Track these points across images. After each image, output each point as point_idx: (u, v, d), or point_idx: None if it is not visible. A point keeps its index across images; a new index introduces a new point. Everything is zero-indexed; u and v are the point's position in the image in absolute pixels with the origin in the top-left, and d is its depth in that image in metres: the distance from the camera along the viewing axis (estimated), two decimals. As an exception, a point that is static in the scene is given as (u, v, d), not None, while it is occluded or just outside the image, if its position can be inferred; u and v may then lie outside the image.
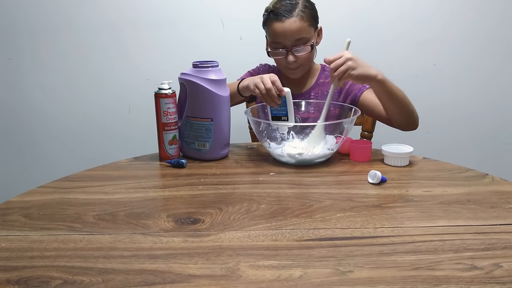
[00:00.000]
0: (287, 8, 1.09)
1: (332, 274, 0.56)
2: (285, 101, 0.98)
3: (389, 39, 1.63)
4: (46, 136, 1.75)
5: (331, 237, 0.66)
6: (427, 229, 0.68)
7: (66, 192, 0.85)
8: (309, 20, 1.11)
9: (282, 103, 0.99)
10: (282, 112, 1.00)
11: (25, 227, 0.71)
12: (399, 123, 1.10)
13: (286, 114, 0.99)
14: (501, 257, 0.59)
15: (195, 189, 0.86)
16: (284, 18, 1.09)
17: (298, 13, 1.09)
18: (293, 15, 1.09)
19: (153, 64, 1.66)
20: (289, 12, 1.09)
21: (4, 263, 0.60)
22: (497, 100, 1.70)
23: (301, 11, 1.09)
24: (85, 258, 0.61)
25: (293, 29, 1.09)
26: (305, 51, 1.13)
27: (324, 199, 0.80)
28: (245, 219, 0.72)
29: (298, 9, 1.10)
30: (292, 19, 1.09)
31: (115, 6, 1.61)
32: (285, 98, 0.98)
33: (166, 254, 0.61)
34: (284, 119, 1.00)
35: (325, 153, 0.99)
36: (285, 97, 0.98)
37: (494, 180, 0.88)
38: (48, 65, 1.67)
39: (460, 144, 1.73)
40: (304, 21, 1.10)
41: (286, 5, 1.10)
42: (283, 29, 1.09)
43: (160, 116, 1.01)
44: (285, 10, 1.09)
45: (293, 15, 1.09)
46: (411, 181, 0.89)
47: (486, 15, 1.61)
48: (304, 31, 1.11)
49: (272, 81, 0.99)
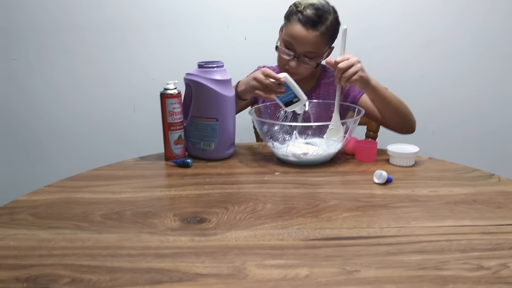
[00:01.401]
0: (316, 19, 1.07)
1: (338, 273, 0.56)
2: (287, 85, 1.00)
3: (392, 40, 1.63)
4: (52, 136, 1.76)
5: (337, 236, 0.66)
6: (433, 229, 0.68)
7: (73, 192, 0.86)
8: (328, 39, 1.12)
9: (286, 88, 1.00)
10: (290, 95, 1.01)
11: (33, 226, 0.71)
12: (395, 127, 1.12)
13: (295, 95, 1.01)
14: (508, 257, 0.59)
15: (201, 188, 0.87)
16: (309, 26, 1.07)
17: (322, 30, 1.08)
18: (318, 29, 1.07)
19: (158, 64, 1.67)
20: (316, 24, 1.07)
21: (12, 262, 0.60)
22: (501, 100, 1.69)
23: (326, 29, 1.08)
24: (92, 256, 0.61)
25: (310, 42, 1.09)
26: (309, 65, 1.13)
27: (330, 199, 0.80)
28: (251, 219, 0.72)
29: (326, 25, 1.08)
30: (315, 33, 1.07)
31: (120, 7, 1.62)
32: (286, 84, 1.00)
33: (173, 253, 0.62)
34: (296, 101, 1.01)
35: (329, 153, 0.99)
36: (285, 83, 0.99)
37: (500, 180, 0.88)
38: (53, 65, 1.69)
39: (466, 144, 1.73)
40: (323, 39, 1.10)
41: (318, 15, 1.07)
42: (302, 37, 1.08)
43: (166, 116, 1.02)
44: (313, 20, 1.07)
45: (318, 29, 1.07)
46: (417, 181, 0.89)
47: (491, 15, 1.60)
48: (319, 48, 1.11)
49: (266, 75, 1.00)
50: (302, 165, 0.99)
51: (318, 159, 0.99)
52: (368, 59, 1.57)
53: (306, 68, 1.14)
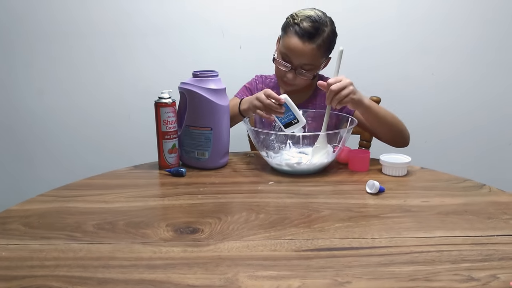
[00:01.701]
0: (313, 32, 1.08)
1: (330, 285, 0.56)
2: (287, 106, 1.01)
3: (384, 50, 1.64)
4: (44, 144, 1.75)
5: (330, 247, 0.66)
6: (424, 239, 0.68)
7: (65, 201, 0.85)
8: (325, 51, 1.13)
9: (286, 109, 1.01)
10: (290, 117, 1.02)
11: (25, 236, 0.71)
12: (389, 142, 1.13)
13: (294, 117, 1.01)
14: (498, 268, 0.60)
15: (194, 198, 0.87)
16: (306, 39, 1.08)
17: (319, 43, 1.09)
18: (315, 41, 1.08)
19: (153, 72, 1.67)
20: (313, 37, 1.08)
21: (4, 272, 0.60)
22: (495, 108, 1.71)
23: (322, 41, 1.09)
24: (84, 267, 0.61)
25: (307, 55, 1.10)
26: (306, 77, 1.14)
27: (323, 209, 0.80)
28: (244, 229, 0.73)
29: (322, 37, 1.09)
30: (311, 46, 1.08)
31: (115, 14, 1.62)
32: (286, 104, 1.00)
33: (165, 264, 0.62)
34: (295, 122, 1.02)
35: (323, 163, 1.00)
36: (286, 104, 1.00)
37: (491, 190, 0.89)
38: (46, 73, 1.68)
39: (458, 154, 1.74)
40: (320, 51, 1.11)
41: (314, 28, 1.08)
42: (299, 50, 1.09)
43: (160, 125, 1.02)
44: (310, 32, 1.07)
45: (315, 41, 1.08)
46: (408, 191, 0.90)
47: (490, 26, 1.63)
48: (315, 61, 1.13)
49: (267, 95, 1.01)
50: (296, 174, 0.99)
51: (311, 169, 0.99)
52: (364, 63, 1.58)
53: (303, 79, 1.15)
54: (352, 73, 1.29)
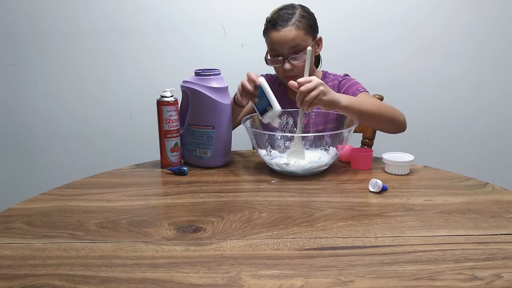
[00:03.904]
0: (284, 18, 1.12)
1: (333, 284, 0.56)
2: (262, 91, 0.96)
3: (387, 47, 1.64)
4: (48, 142, 1.75)
5: (332, 246, 0.66)
6: (428, 238, 0.68)
7: (68, 200, 0.85)
8: (305, 29, 1.13)
9: (261, 94, 0.97)
10: (264, 103, 0.97)
11: (28, 235, 0.71)
12: (383, 131, 1.13)
13: (269, 103, 0.95)
14: (501, 267, 0.59)
15: (196, 196, 0.87)
16: (280, 27, 1.11)
17: (294, 23, 1.12)
18: (289, 24, 1.11)
19: (155, 70, 1.67)
20: (286, 21, 1.12)
21: (6, 271, 0.60)
22: (498, 106, 1.70)
23: (297, 21, 1.12)
24: (87, 266, 0.61)
25: (289, 38, 1.11)
26: (301, 59, 1.13)
27: (325, 207, 0.80)
28: (247, 228, 0.72)
29: (295, 18, 1.12)
30: (288, 28, 1.11)
31: (117, 13, 1.62)
32: (261, 88, 0.96)
33: (168, 263, 0.62)
34: (269, 109, 0.96)
35: (312, 166, 0.97)
36: (260, 87, 0.96)
37: (494, 189, 0.89)
38: (50, 71, 1.68)
39: (461, 152, 1.73)
40: (300, 30, 1.12)
41: (284, 15, 1.13)
42: (279, 38, 1.12)
43: (162, 124, 1.02)
44: (282, 19, 1.12)
45: (289, 24, 1.11)
46: (412, 190, 0.90)
47: (484, 20, 1.62)
48: (300, 40, 1.12)
49: (248, 78, 1.00)
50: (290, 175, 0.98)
51: (300, 171, 0.97)
52: (362, 62, 1.58)
53: (300, 64, 1.13)
54: (356, 71, 1.29)
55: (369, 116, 1.04)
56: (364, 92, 1.15)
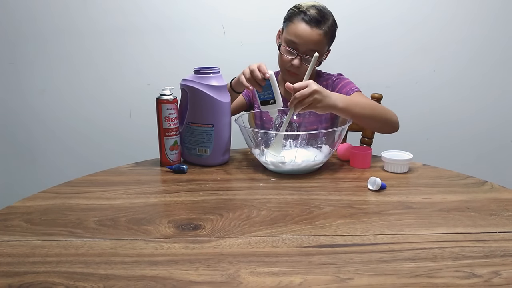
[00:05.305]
0: (319, 18, 1.11)
1: (332, 281, 0.56)
2: (269, 84, 1.00)
3: (385, 46, 1.64)
4: (47, 141, 1.75)
5: (331, 244, 0.66)
6: (426, 236, 0.68)
7: (67, 197, 0.85)
8: (328, 38, 1.14)
9: (268, 86, 1.00)
10: (269, 95, 1.01)
11: (27, 233, 0.71)
12: (377, 131, 1.15)
13: (273, 97, 1.00)
14: (500, 265, 0.60)
15: (195, 195, 0.87)
16: (313, 25, 1.10)
17: (325, 28, 1.12)
18: (321, 28, 1.11)
19: (154, 69, 1.67)
20: (319, 22, 1.11)
21: (5, 269, 0.60)
22: (497, 105, 1.70)
23: (328, 27, 1.12)
24: (86, 264, 0.61)
25: (314, 40, 1.11)
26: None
27: (324, 205, 0.80)
28: (246, 226, 0.73)
29: (327, 25, 1.12)
30: (318, 31, 1.11)
31: (117, 12, 1.62)
32: (269, 81, 0.99)
33: (167, 260, 0.62)
34: (272, 102, 1.01)
35: (308, 165, 0.97)
36: (269, 80, 0.99)
37: (493, 187, 0.89)
38: (49, 70, 1.68)
39: (460, 151, 1.74)
40: (325, 37, 1.13)
41: (320, 15, 1.11)
42: (307, 35, 1.11)
43: (162, 122, 1.02)
44: (317, 18, 1.11)
45: (321, 28, 1.11)
46: (410, 188, 0.90)
47: (484, 19, 1.62)
48: (322, 46, 1.13)
49: (258, 65, 1.00)
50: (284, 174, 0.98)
51: (295, 169, 0.97)
52: (362, 61, 1.58)
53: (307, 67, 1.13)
54: (355, 71, 1.29)
55: (364, 117, 1.05)
56: (357, 92, 1.15)
